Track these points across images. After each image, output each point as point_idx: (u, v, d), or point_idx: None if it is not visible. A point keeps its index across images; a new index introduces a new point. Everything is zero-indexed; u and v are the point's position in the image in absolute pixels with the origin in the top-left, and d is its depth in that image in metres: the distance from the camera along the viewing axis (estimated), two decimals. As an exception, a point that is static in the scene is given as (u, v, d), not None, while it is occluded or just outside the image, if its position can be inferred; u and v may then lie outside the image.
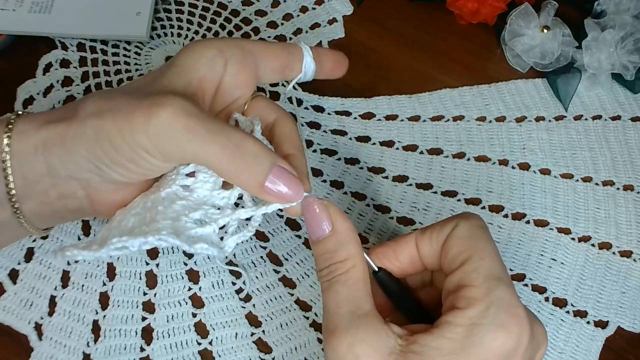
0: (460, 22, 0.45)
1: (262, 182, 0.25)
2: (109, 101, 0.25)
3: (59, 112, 0.26)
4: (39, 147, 0.25)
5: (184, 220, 0.26)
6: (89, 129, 0.25)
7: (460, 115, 0.41)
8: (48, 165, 0.25)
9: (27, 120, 0.26)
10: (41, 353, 0.32)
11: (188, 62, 0.27)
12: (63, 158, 0.25)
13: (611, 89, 0.43)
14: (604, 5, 0.43)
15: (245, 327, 0.33)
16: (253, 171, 0.25)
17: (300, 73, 0.31)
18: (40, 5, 0.42)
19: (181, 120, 0.24)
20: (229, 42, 0.29)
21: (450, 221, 0.26)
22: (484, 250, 0.24)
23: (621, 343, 0.34)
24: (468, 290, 0.23)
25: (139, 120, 0.24)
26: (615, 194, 0.39)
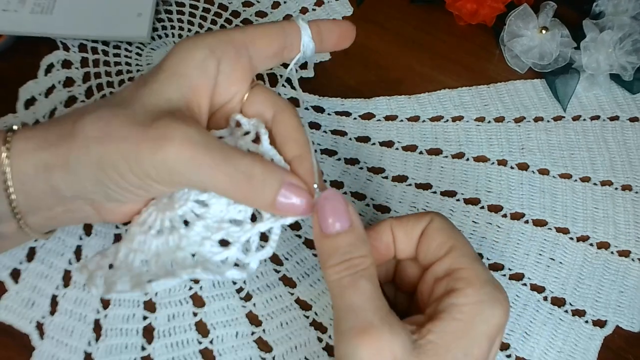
0: (460, 23, 0.46)
1: (273, 202, 0.25)
2: (109, 125, 0.24)
3: (54, 129, 0.25)
4: (40, 168, 0.25)
5: (208, 244, 0.26)
6: (92, 156, 0.24)
7: (459, 115, 0.41)
8: (51, 186, 0.25)
9: (24, 138, 0.25)
10: (43, 352, 0.32)
11: (179, 68, 0.26)
12: (67, 180, 0.25)
13: (609, 89, 0.43)
14: (603, 7, 0.44)
15: (246, 326, 0.33)
16: (262, 194, 0.25)
17: (299, 53, 0.29)
18: (42, 6, 0.42)
19: (187, 153, 0.24)
20: (219, 38, 0.27)
21: (425, 215, 0.27)
22: (463, 239, 0.26)
23: (619, 342, 0.34)
24: (463, 272, 0.25)
25: (146, 154, 0.24)
26: (613, 193, 0.39)
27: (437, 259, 0.26)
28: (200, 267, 0.25)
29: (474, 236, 0.37)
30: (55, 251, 0.34)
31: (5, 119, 0.39)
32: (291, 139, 0.28)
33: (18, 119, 0.39)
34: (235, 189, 0.25)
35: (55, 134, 0.25)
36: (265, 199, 0.25)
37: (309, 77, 0.43)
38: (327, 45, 0.30)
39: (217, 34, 0.27)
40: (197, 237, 0.26)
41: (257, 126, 0.28)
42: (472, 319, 0.23)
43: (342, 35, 0.31)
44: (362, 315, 0.23)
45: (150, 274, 0.26)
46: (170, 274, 0.25)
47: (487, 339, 0.24)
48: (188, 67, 0.26)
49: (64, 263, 0.34)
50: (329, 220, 0.25)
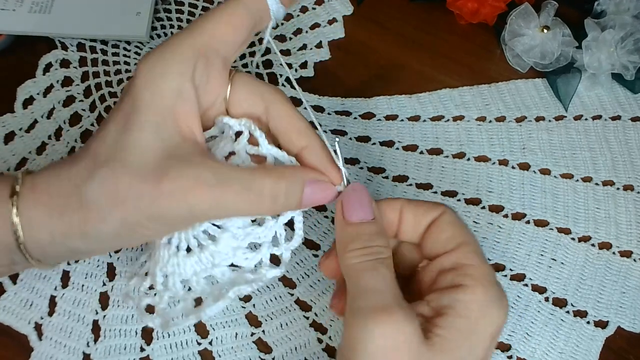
0: (460, 22, 0.45)
1: (299, 204, 0.26)
2: (118, 187, 0.23)
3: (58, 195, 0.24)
4: (56, 235, 0.24)
5: (240, 253, 0.27)
6: (114, 222, 0.24)
7: (460, 115, 0.41)
8: (69, 249, 0.25)
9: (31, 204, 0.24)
10: (41, 353, 0.32)
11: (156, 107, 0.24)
12: (88, 245, 0.25)
13: (611, 89, 0.43)
14: (604, 5, 0.43)
15: (245, 327, 0.33)
16: (286, 205, 0.26)
17: (270, 21, 0.27)
18: (40, 5, 0.42)
19: (208, 198, 0.24)
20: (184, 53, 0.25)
21: (438, 206, 0.27)
22: (472, 235, 0.26)
23: (621, 343, 0.34)
24: (472, 269, 0.24)
25: (167, 207, 0.24)
26: (615, 194, 0.39)
27: (445, 251, 0.26)
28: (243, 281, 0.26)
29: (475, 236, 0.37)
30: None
31: (3, 119, 0.39)
32: (293, 130, 0.27)
33: (16, 118, 0.39)
34: (263, 211, 0.26)
35: (61, 201, 0.24)
36: (292, 205, 0.26)
37: (309, 76, 0.43)
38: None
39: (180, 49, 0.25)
40: (227, 249, 0.27)
41: (248, 127, 0.27)
42: (478, 319, 0.23)
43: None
44: (381, 297, 0.23)
45: (196, 293, 0.27)
46: (219, 296, 0.26)
47: (491, 340, 0.24)
48: (165, 100, 0.24)
49: (62, 264, 0.34)
50: (354, 209, 0.26)
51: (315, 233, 0.36)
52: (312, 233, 0.36)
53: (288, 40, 0.44)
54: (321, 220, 0.37)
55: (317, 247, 0.36)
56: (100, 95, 0.41)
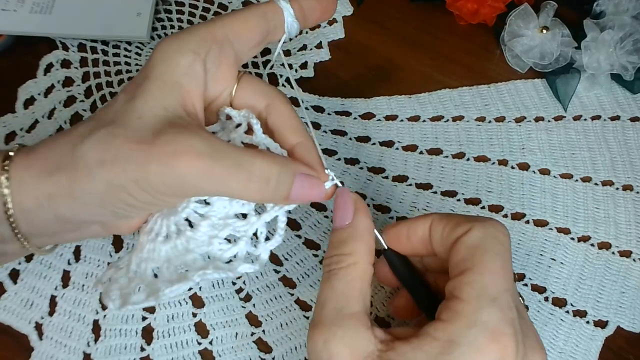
0: (460, 22, 0.46)
1: (287, 196, 0.25)
2: (110, 147, 0.23)
3: (53, 156, 0.24)
4: (43, 199, 0.24)
5: (216, 242, 0.26)
6: (99, 183, 0.23)
7: (459, 115, 0.41)
8: (56, 215, 0.24)
9: (22, 167, 0.24)
10: (41, 353, 0.32)
11: (167, 76, 0.25)
12: (73, 208, 0.24)
13: (610, 89, 0.43)
14: (603, 6, 0.43)
15: (245, 327, 0.33)
16: (276, 193, 0.25)
17: (284, 34, 0.28)
18: (41, 6, 0.42)
19: (198, 166, 0.23)
20: (201, 37, 0.26)
21: (467, 222, 0.25)
22: (488, 264, 0.23)
23: (621, 343, 0.34)
24: (456, 303, 0.22)
25: (155, 172, 0.23)
26: (614, 194, 0.39)
27: (452, 276, 0.24)
28: (211, 266, 0.25)
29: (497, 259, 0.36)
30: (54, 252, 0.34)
31: (4, 119, 0.39)
32: (288, 128, 0.28)
33: (17, 118, 0.39)
34: (251, 193, 0.25)
35: (54, 163, 0.24)
36: (281, 195, 0.25)
37: (309, 77, 0.43)
38: (310, 22, 0.29)
39: (198, 32, 0.26)
40: (204, 237, 0.26)
41: (247, 117, 0.27)
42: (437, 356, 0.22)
43: (324, 10, 0.29)
44: (319, 310, 0.24)
45: (163, 280, 0.26)
46: (182, 278, 0.25)
47: None
48: (176, 75, 0.25)
49: (62, 263, 0.34)
50: (337, 214, 0.26)
51: (315, 233, 0.36)
52: (312, 233, 0.36)
53: (288, 41, 0.44)
54: (321, 220, 0.37)
55: (318, 247, 0.36)
56: (101, 96, 0.41)
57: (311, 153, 0.27)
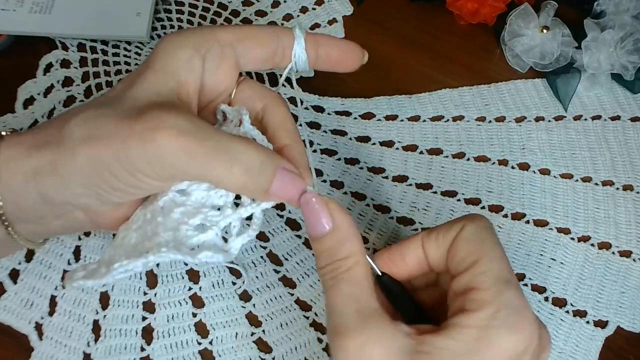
0: (460, 22, 0.46)
1: (267, 189, 0.25)
2: (96, 124, 0.23)
3: (42, 132, 0.25)
4: (29, 175, 0.24)
5: (184, 229, 0.25)
6: (81, 158, 0.23)
7: (460, 115, 0.41)
8: (41, 193, 0.24)
9: (12, 144, 0.24)
10: (41, 353, 0.32)
11: (165, 66, 0.26)
12: (57, 186, 0.24)
13: (611, 89, 0.43)
14: (604, 6, 0.43)
15: (246, 327, 0.33)
16: (257, 182, 0.24)
17: (290, 63, 0.28)
18: (41, 6, 0.42)
19: (178, 143, 0.23)
20: (205, 36, 0.26)
21: (456, 223, 0.25)
22: (491, 252, 0.24)
23: (621, 343, 0.34)
24: (477, 293, 0.23)
25: (135, 148, 0.23)
26: (614, 194, 0.39)
27: (458, 273, 0.24)
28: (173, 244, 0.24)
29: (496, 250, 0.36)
30: (54, 252, 0.34)
31: (4, 119, 0.39)
32: (281, 129, 0.28)
33: (17, 118, 0.39)
34: (232, 179, 0.24)
35: (43, 139, 0.24)
36: (261, 187, 0.25)
37: (309, 76, 0.43)
38: (324, 63, 0.29)
39: (203, 30, 0.27)
40: (174, 223, 0.25)
41: (239, 111, 0.27)
42: (473, 342, 0.22)
43: (344, 56, 0.29)
44: (339, 318, 0.23)
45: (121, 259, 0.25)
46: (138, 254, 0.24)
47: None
48: (174, 66, 0.26)
49: (62, 263, 0.34)
50: (311, 223, 0.25)
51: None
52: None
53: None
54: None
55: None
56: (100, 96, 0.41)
57: (299, 155, 0.27)
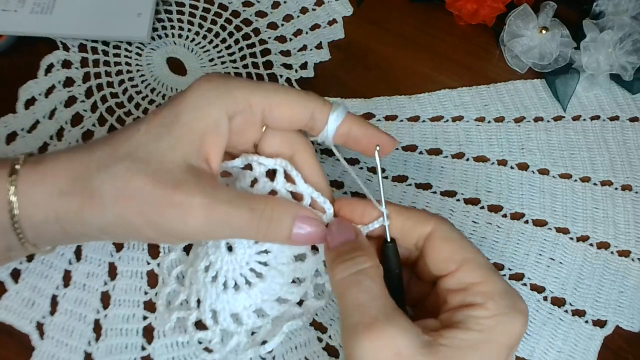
0: (460, 23, 0.46)
1: (289, 236, 0.26)
2: (128, 185, 0.24)
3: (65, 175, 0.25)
4: (51, 217, 0.25)
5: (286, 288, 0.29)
6: (111, 217, 0.24)
7: (459, 115, 0.41)
8: (62, 229, 0.25)
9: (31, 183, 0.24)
10: (42, 352, 0.32)
11: (193, 122, 0.26)
12: (79, 229, 0.25)
13: (609, 89, 0.43)
14: (603, 6, 0.44)
15: (246, 326, 0.33)
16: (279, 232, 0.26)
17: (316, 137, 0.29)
18: (42, 6, 0.42)
19: (213, 221, 0.25)
20: (236, 99, 0.26)
21: (428, 219, 0.27)
22: (473, 248, 0.26)
23: (619, 342, 0.34)
24: (480, 286, 0.25)
25: (170, 222, 0.24)
26: (613, 193, 0.39)
27: (447, 272, 0.26)
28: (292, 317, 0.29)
29: (474, 236, 0.37)
30: (55, 251, 0.34)
31: (5, 119, 0.39)
32: (311, 182, 0.28)
33: (18, 119, 0.39)
34: (255, 233, 0.26)
35: (65, 184, 0.24)
36: (282, 235, 0.26)
37: (309, 77, 0.43)
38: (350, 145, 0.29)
39: (236, 92, 0.26)
40: (274, 285, 0.29)
41: (284, 166, 0.28)
42: (491, 331, 0.24)
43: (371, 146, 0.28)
44: (366, 312, 0.24)
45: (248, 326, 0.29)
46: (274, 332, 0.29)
47: (506, 350, 0.24)
48: (203, 126, 0.26)
49: (64, 263, 0.34)
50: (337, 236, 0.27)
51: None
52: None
53: (288, 41, 0.45)
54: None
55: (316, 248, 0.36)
56: (101, 96, 0.41)
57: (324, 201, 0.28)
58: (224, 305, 0.29)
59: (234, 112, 0.26)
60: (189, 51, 0.44)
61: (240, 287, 0.29)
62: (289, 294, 0.29)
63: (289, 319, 0.29)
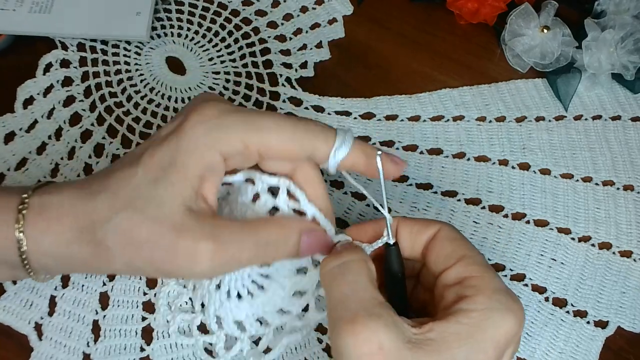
0: (460, 22, 0.45)
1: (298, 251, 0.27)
2: (134, 233, 0.24)
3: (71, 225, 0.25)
4: (59, 262, 0.26)
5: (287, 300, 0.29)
6: (120, 265, 0.25)
7: (460, 115, 0.41)
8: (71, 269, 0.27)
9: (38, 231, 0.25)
10: (41, 353, 0.32)
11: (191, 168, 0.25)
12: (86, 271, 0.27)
13: (611, 89, 0.43)
14: (604, 5, 0.43)
15: (246, 327, 0.33)
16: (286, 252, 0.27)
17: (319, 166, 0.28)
18: (40, 5, 0.42)
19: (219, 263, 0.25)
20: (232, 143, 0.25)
21: (433, 223, 0.28)
22: (472, 248, 0.27)
23: (621, 343, 0.34)
24: (472, 280, 0.25)
25: (179, 267, 0.25)
26: (615, 194, 0.39)
27: (446, 267, 0.26)
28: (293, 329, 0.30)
29: (475, 237, 0.37)
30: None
31: (4, 119, 0.39)
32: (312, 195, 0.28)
33: (16, 118, 0.39)
34: (264, 258, 0.27)
35: (72, 235, 0.25)
36: (290, 253, 0.27)
37: (309, 76, 0.43)
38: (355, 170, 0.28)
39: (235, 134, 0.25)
40: (276, 297, 0.29)
41: (287, 185, 0.28)
42: (478, 324, 0.24)
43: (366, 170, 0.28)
44: (348, 306, 0.24)
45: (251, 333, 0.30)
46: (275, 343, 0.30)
47: (494, 346, 0.24)
48: (199, 169, 0.25)
49: (62, 264, 0.34)
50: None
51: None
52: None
53: (288, 40, 0.44)
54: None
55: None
56: (100, 95, 0.41)
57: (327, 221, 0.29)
58: (227, 312, 0.29)
59: (229, 154, 0.26)
60: (188, 50, 0.43)
61: (243, 297, 0.29)
62: (291, 306, 0.29)
63: (291, 330, 0.30)
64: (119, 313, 0.33)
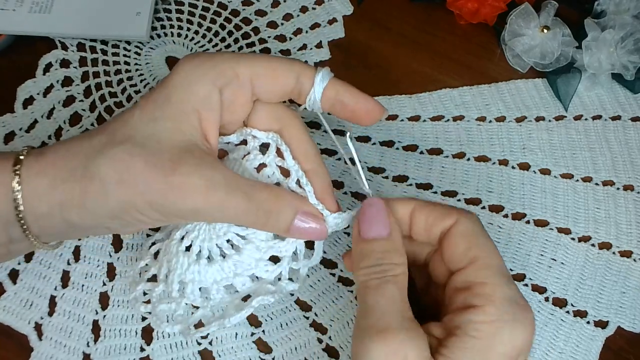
0: (460, 22, 0.45)
1: (288, 228, 0.27)
2: (127, 167, 0.24)
3: (63, 165, 0.25)
4: (54, 206, 0.25)
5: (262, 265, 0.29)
6: (112, 200, 0.24)
7: (460, 115, 0.41)
8: (66, 220, 0.25)
9: (34, 173, 0.25)
10: (41, 353, 0.32)
11: (183, 100, 0.26)
12: (83, 217, 0.25)
13: (611, 89, 0.43)
14: (604, 5, 0.43)
15: (245, 327, 0.33)
16: (278, 225, 0.27)
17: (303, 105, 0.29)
18: (40, 5, 0.42)
19: (213, 200, 0.25)
20: (223, 71, 0.26)
21: (451, 212, 0.26)
22: (489, 248, 0.25)
23: (621, 343, 0.34)
24: (483, 288, 0.24)
25: (173, 202, 0.25)
26: (615, 194, 0.39)
27: (458, 268, 0.25)
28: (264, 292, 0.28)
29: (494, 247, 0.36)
30: (54, 252, 0.34)
31: (3, 119, 0.39)
32: (302, 153, 0.28)
33: (16, 118, 0.39)
34: (254, 222, 0.27)
35: (66, 172, 0.25)
36: (281, 227, 0.27)
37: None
38: (338, 112, 0.29)
39: (222, 65, 0.26)
40: (250, 260, 0.28)
41: (275, 140, 0.28)
42: (489, 339, 0.23)
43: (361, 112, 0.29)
44: (381, 316, 0.24)
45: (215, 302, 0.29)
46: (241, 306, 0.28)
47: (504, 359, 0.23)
48: (194, 102, 0.26)
49: (62, 264, 0.34)
50: (368, 225, 0.26)
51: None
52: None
53: (288, 40, 0.44)
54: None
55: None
56: (100, 95, 0.41)
57: (322, 181, 0.28)
58: (193, 277, 0.28)
59: (222, 84, 0.26)
60: (188, 50, 0.43)
61: (213, 259, 0.28)
62: (264, 272, 0.29)
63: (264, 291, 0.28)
64: (119, 313, 0.33)
